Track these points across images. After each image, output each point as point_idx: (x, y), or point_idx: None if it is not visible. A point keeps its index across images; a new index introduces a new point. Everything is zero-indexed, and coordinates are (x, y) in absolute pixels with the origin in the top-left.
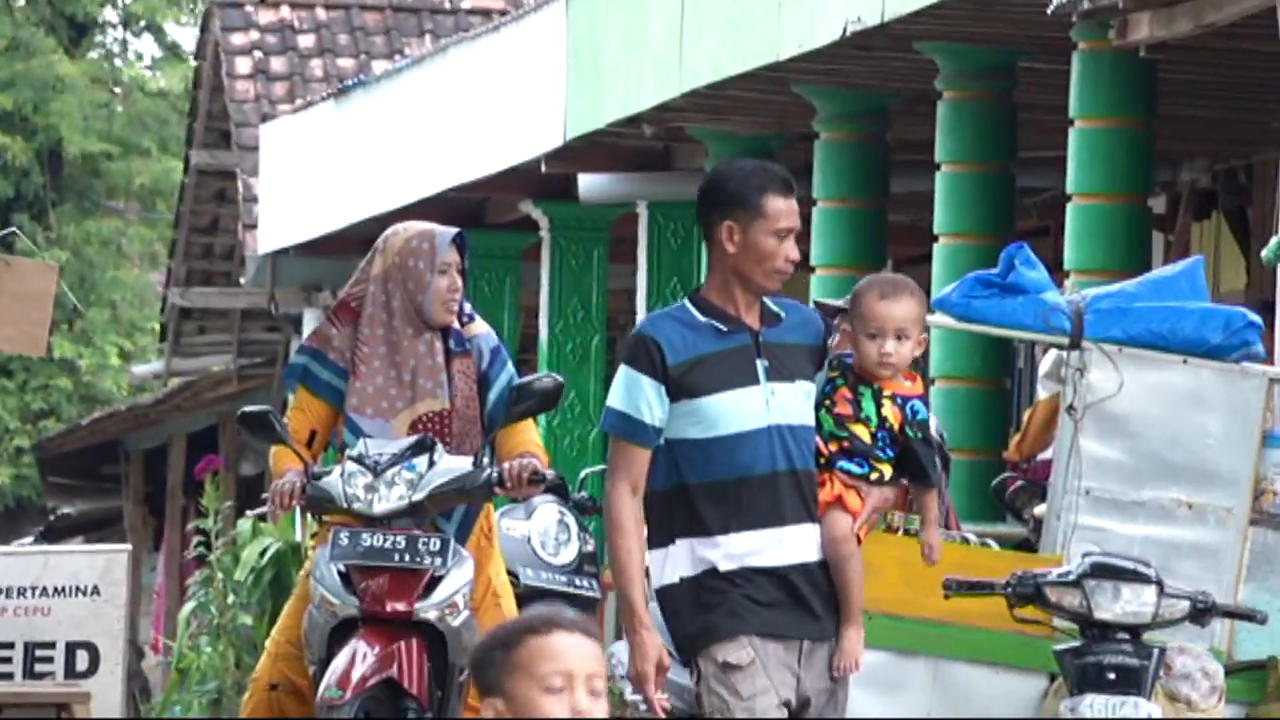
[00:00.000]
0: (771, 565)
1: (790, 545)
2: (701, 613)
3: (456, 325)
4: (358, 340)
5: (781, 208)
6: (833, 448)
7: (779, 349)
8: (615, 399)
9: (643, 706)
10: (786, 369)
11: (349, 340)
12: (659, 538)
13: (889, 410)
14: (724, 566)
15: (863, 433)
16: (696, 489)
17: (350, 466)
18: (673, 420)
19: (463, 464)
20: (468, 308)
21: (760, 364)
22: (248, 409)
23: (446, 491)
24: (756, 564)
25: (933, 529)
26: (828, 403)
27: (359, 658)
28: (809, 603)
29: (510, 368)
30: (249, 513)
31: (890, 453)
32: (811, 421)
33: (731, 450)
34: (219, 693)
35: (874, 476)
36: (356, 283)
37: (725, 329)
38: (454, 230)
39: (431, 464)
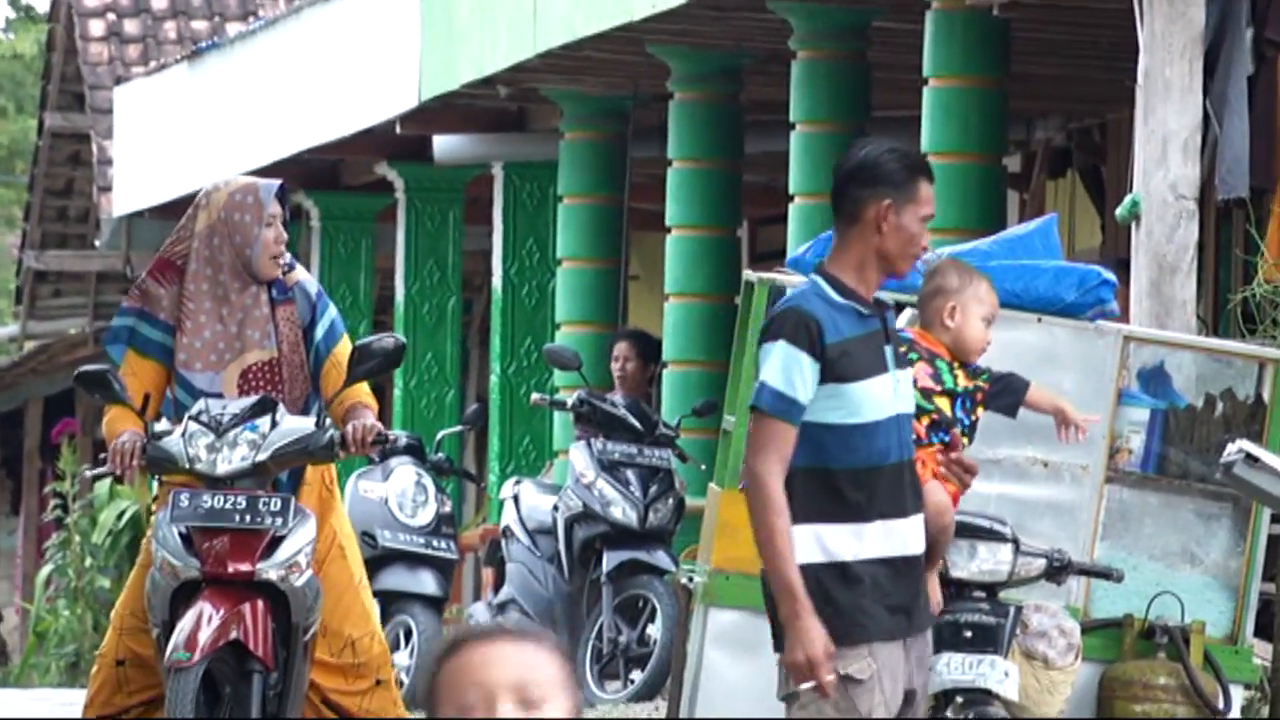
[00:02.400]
0: (896, 555)
1: (912, 536)
2: (824, 608)
3: (280, 275)
4: (183, 297)
5: (928, 194)
6: (924, 422)
7: (894, 333)
8: (773, 376)
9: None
10: (899, 355)
11: (175, 297)
12: None
13: (961, 378)
14: (851, 558)
15: (945, 405)
16: (840, 475)
17: (192, 426)
18: (814, 402)
19: (305, 424)
20: (287, 256)
21: (888, 350)
22: (85, 368)
23: (289, 452)
24: (884, 555)
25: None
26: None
27: (204, 620)
28: (918, 595)
29: (333, 310)
30: (88, 470)
31: (968, 421)
32: (914, 409)
33: (870, 438)
34: (77, 655)
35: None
36: (179, 240)
37: (865, 312)
38: (277, 182)
39: (274, 424)
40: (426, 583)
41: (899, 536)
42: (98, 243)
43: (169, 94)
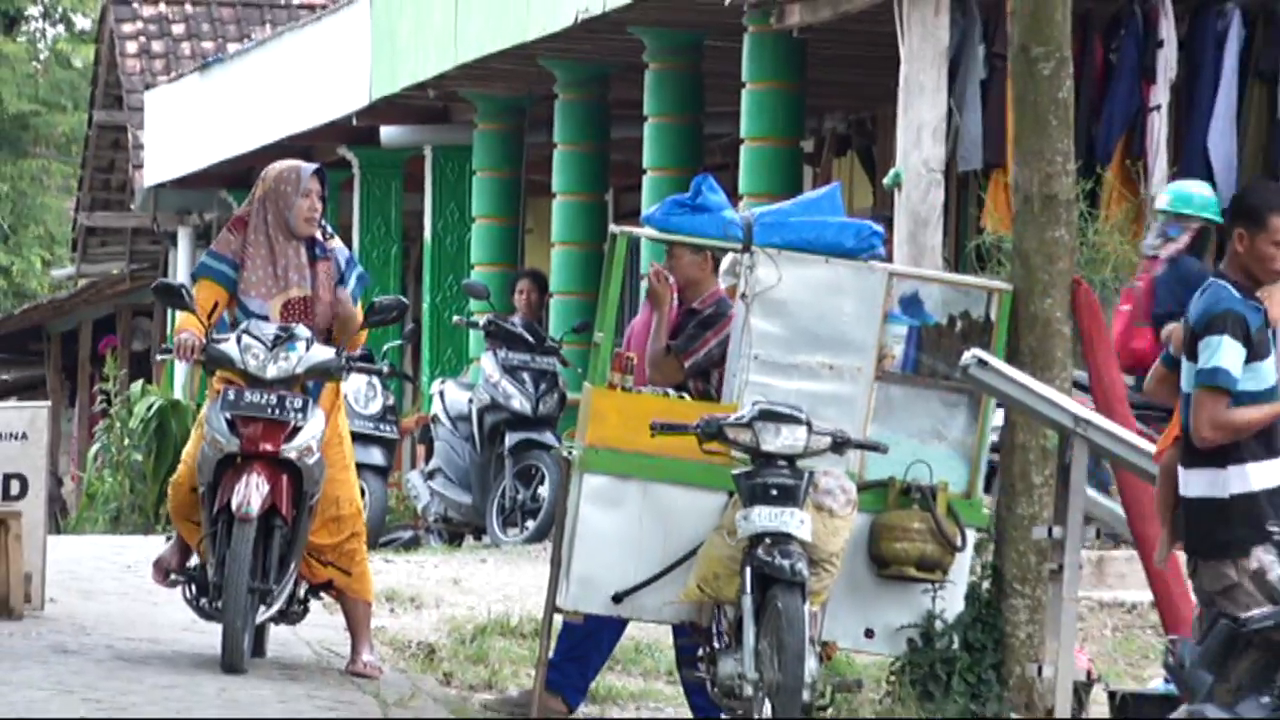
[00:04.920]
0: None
1: None
2: (1242, 524)
3: (321, 238)
4: (246, 243)
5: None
6: None
7: None
8: (1229, 363)
9: None
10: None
11: (241, 243)
12: (1216, 460)
13: None
14: (1259, 487)
15: None
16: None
17: (246, 339)
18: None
19: (328, 352)
20: (329, 229)
21: (1271, 336)
22: (164, 280)
23: (316, 369)
24: (1274, 484)
25: None
26: None
27: (255, 486)
28: None
29: (359, 269)
30: (159, 355)
31: None
32: None
33: (1271, 399)
34: (117, 511)
35: None
36: (247, 203)
37: (1260, 309)
38: (314, 166)
39: (308, 348)
40: (375, 456)
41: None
42: (132, 206)
43: (185, 96)
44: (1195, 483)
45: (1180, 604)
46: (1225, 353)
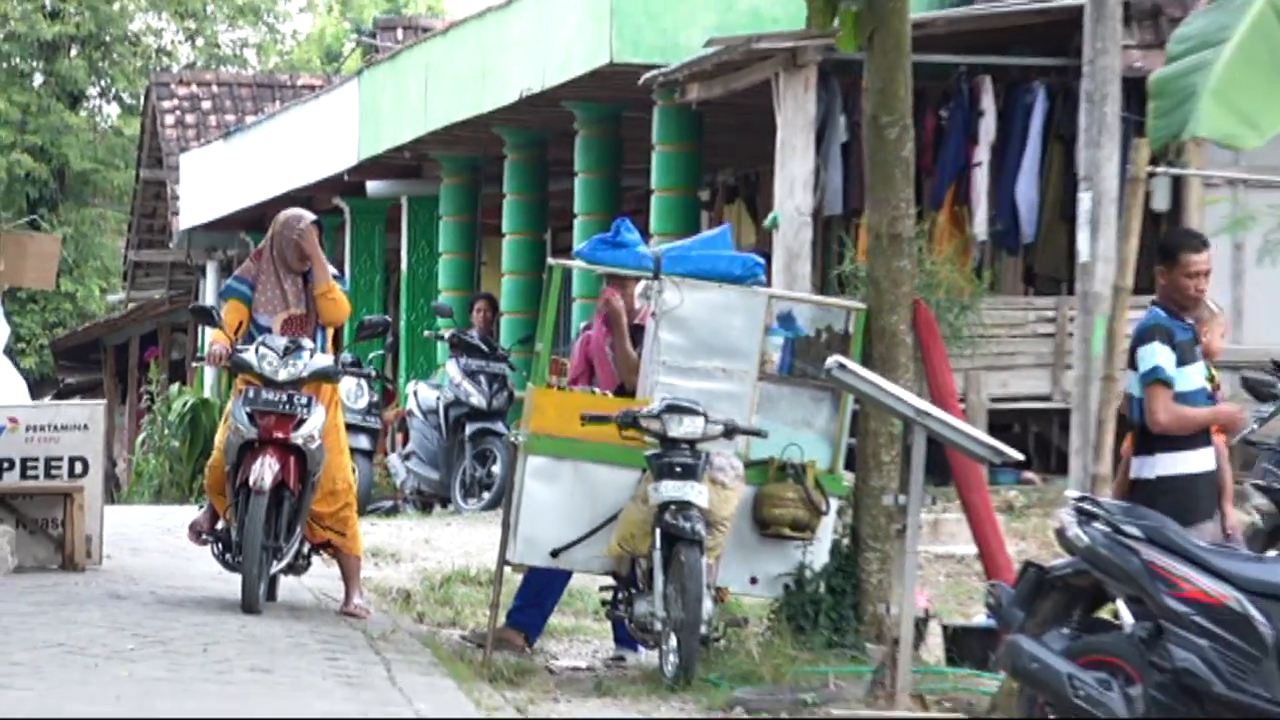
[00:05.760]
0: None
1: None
2: (1186, 500)
3: (305, 268)
4: (259, 271)
5: (1194, 259)
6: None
7: None
8: (1163, 362)
9: None
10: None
11: (256, 271)
12: (1148, 447)
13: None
14: (1196, 470)
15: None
16: None
17: (262, 350)
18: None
19: (327, 360)
20: (332, 266)
21: (1198, 348)
22: (198, 304)
23: (317, 373)
24: (1209, 469)
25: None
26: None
27: (267, 466)
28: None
29: (344, 281)
30: (194, 362)
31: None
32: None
33: (1197, 400)
34: (159, 486)
35: None
36: (263, 241)
37: (1188, 326)
38: (312, 216)
39: (311, 356)
40: (363, 442)
41: (1210, 456)
42: (171, 245)
43: (212, 157)
44: (1145, 466)
45: (998, 556)
46: (1158, 355)
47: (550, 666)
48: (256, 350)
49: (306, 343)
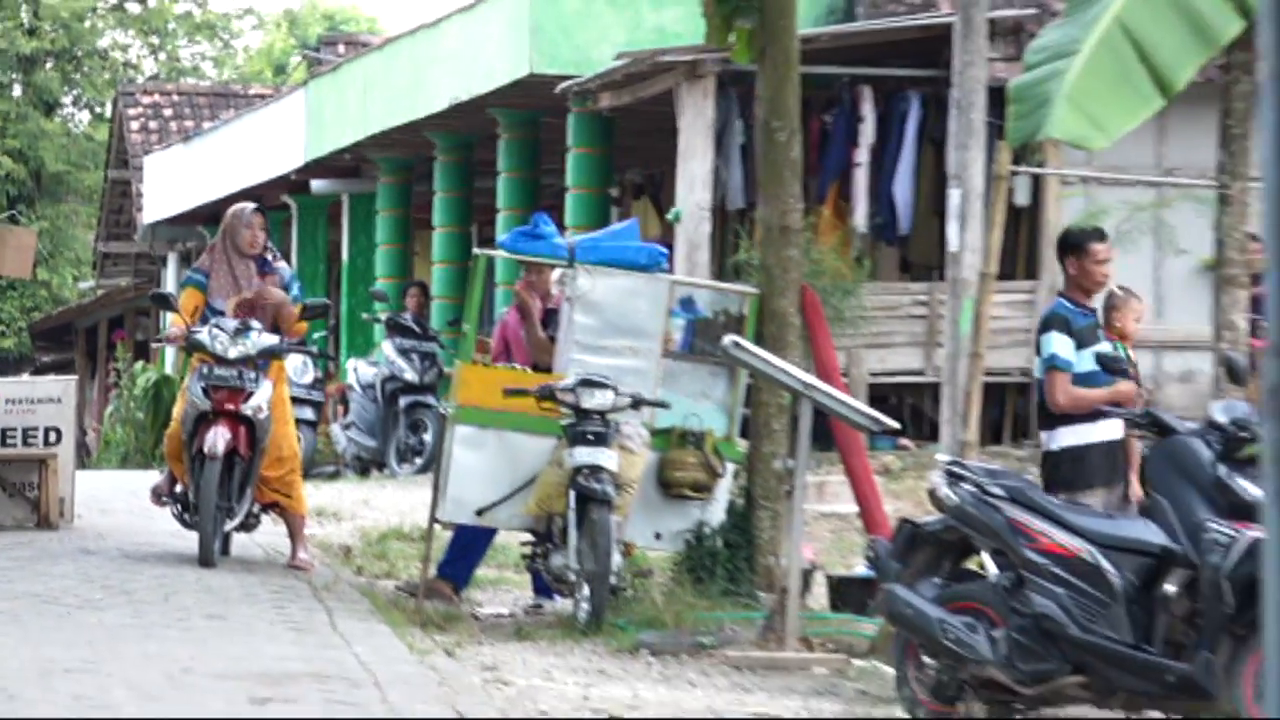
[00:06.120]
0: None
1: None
2: (1084, 468)
3: (270, 258)
4: (213, 261)
5: (1100, 248)
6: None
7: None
8: (1060, 349)
9: None
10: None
11: (210, 261)
12: (1050, 423)
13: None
14: (1093, 442)
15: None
16: None
17: (215, 330)
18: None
19: (273, 339)
20: (276, 253)
21: (1100, 332)
22: (157, 291)
23: (264, 351)
24: (1105, 440)
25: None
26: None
27: (220, 435)
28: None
29: (297, 284)
30: (155, 343)
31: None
32: None
33: (1097, 379)
34: (125, 454)
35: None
36: (217, 235)
37: (1087, 313)
38: (254, 205)
39: (259, 336)
40: (308, 413)
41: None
42: (136, 237)
43: (174, 160)
44: (1049, 438)
45: (877, 514)
46: (1055, 343)
47: (475, 613)
48: (209, 331)
49: (255, 324)
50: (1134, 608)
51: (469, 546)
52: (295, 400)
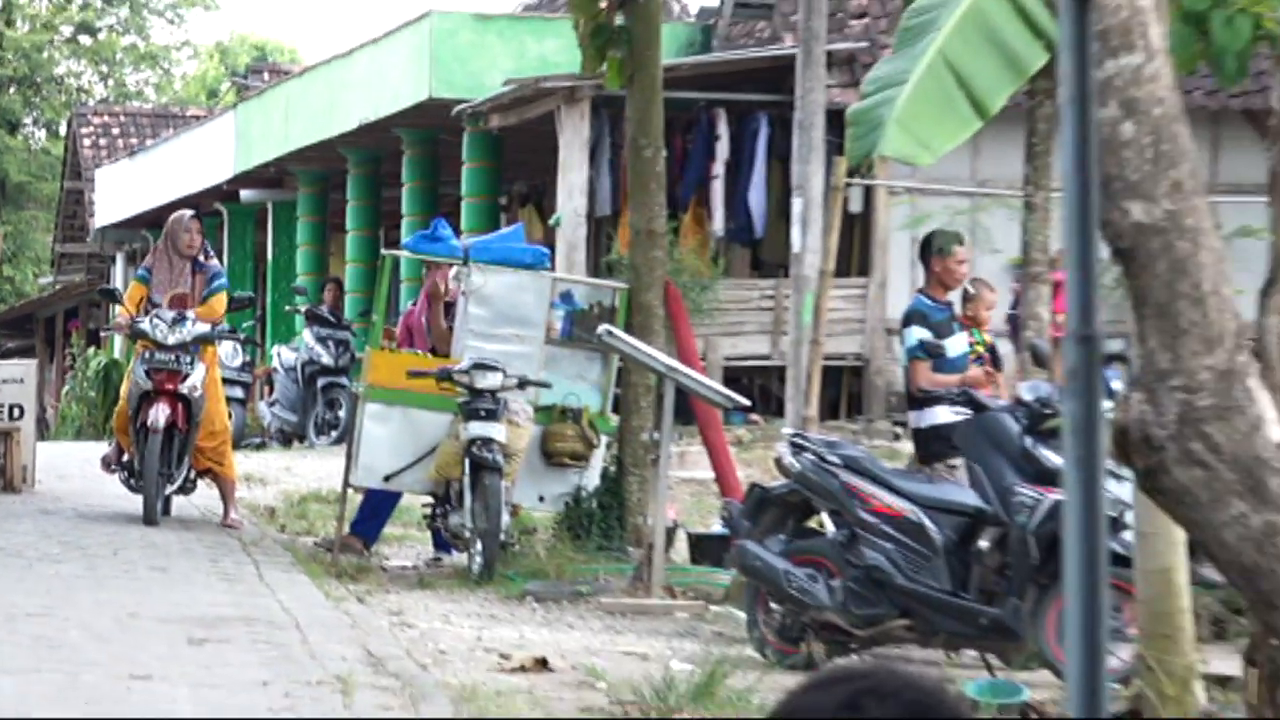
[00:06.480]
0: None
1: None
2: (945, 443)
3: (202, 259)
4: (155, 260)
5: (960, 250)
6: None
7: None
8: (920, 341)
9: None
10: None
11: (154, 261)
12: (916, 405)
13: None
14: (951, 420)
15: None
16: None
17: (155, 320)
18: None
19: (206, 327)
20: (210, 252)
21: (954, 324)
22: (105, 286)
23: (198, 338)
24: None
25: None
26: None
27: (161, 412)
28: None
29: (224, 279)
30: (103, 330)
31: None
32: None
33: (958, 364)
34: (80, 428)
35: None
36: (160, 236)
37: (943, 307)
38: (192, 212)
39: (194, 324)
40: (237, 392)
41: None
42: (88, 239)
43: (121, 172)
44: (916, 418)
45: (730, 480)
46: (915, 335)
47: (383, 566)
48: (151, 320)
49: (190, 314)
50: (952, 560)
51: (378, 507)
52: (226, 381)
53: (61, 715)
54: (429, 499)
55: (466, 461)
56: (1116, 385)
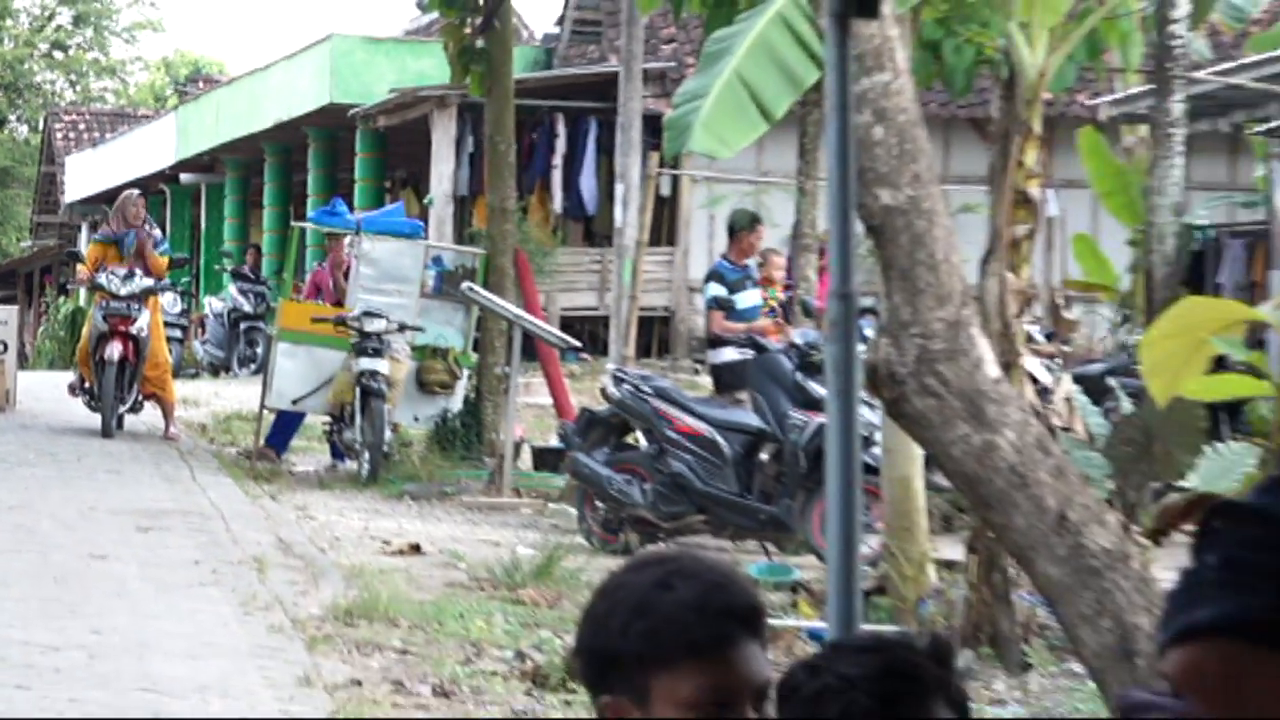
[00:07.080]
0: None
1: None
2: (737, 378)
3: (147, 228)
4: (111, 228)
5: (760, 228)
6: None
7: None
8: (715, 293)
9: None
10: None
11: (112, 228)
12: (713, 345)
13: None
14: (739, 359)
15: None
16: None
17: (110, 275)
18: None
19: (150, 281)
20: (153, 223)
21: (748, 281)
22: (71, 249)
23: (146, 290)
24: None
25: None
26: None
27: (114, 348)
28: None
29: (165, 244)
30: (69, 284)
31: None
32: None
33: (750, 314)
34: (52, 359)
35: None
36: (114, 210)
37: (739, 269)
38: (138, 191)
39: (142, 279)
40: (176, 333)
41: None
42: (60, 212)
43: (87, 160)
44: (712, 356)
45: (565, 405)
46: (712, 289)
47: (291, 470)
48: (106, 276)
49: (138, 270)
50: (739, 469)
51: (287, 425)
52: (168, 324)
53: (37, 587)
54: (328, 418)
55: (357, 389)
56: (869, 332)
